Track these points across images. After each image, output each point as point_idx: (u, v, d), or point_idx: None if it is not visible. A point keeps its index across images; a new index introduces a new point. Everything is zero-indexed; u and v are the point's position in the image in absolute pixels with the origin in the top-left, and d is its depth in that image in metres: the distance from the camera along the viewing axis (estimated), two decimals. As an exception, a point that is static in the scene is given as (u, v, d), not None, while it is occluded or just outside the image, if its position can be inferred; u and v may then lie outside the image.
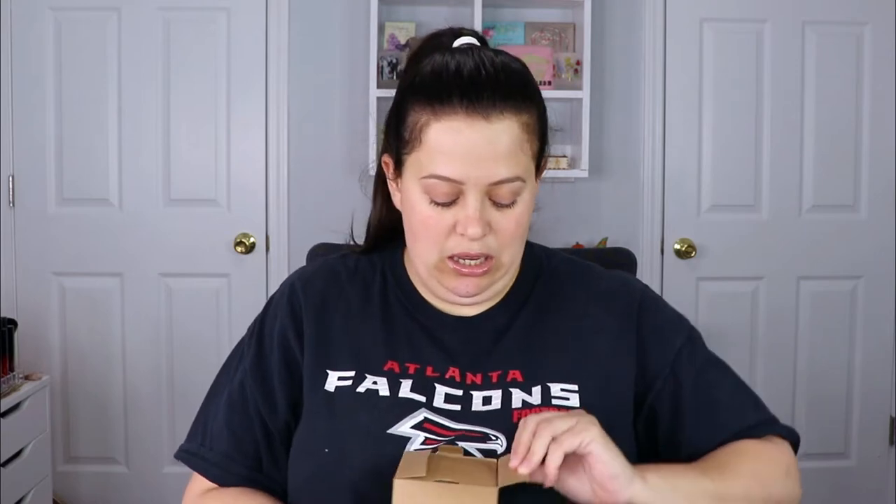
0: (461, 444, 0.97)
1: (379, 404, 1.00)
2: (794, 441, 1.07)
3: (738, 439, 1.03)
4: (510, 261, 1.03)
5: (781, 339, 3.03)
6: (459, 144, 0.94)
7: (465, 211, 0.96)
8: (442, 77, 0.97)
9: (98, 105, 2.90)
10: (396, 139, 1.01)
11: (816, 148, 2.99)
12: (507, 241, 1.00)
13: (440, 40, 1.07)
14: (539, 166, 1.04)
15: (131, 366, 2.96)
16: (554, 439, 0.86)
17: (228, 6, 2.91)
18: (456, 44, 1.05)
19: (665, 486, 0.91)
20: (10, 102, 2.88)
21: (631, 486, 0.88)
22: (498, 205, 0.97)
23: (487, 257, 1.00)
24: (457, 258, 1.00)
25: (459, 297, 1.03)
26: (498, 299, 1.09)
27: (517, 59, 1.03)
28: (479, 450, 0.97)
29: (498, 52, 1.02)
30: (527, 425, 0.88)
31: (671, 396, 1.05)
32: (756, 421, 1.06)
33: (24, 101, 2.89)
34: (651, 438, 1.07)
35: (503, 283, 1.07)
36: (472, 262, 1.00)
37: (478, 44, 1.06)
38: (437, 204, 0.97)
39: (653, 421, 1.06)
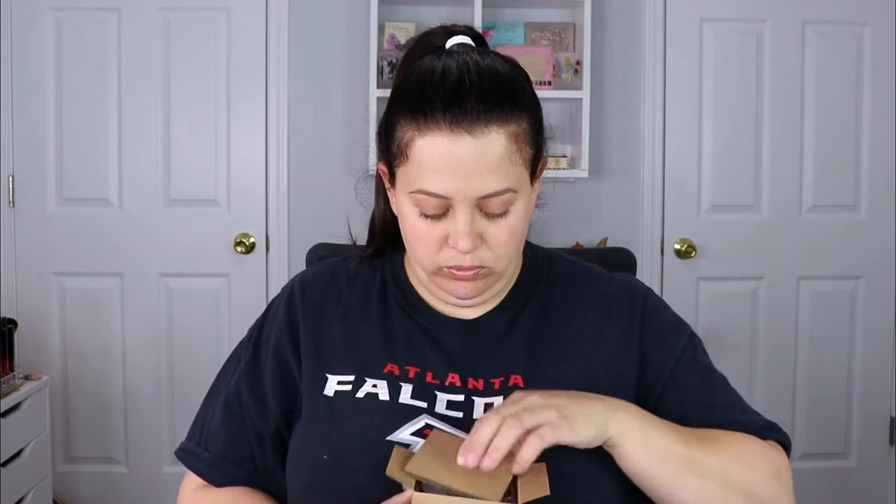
0: None
1: (378, 410, 1.00)
2: (787, 448, 1.05)
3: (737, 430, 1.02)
4: (505, 267, 1.02)
5: (781, 339, 3.03)
6: (445, 160, 0.92)
7: (455, 225, 0.95)
8: (426, 88, 0.94)
9: (98, 105, 2.90)
10: (387, 151, 1.01)
11: (816, 148, 2.99)
12: (500, 252, 0.99)
13: (432, 39, 1.05)
14: (535, 171, 1.02)
15: (131, 366, 2.96)
16: (529, 431, 0.86)
17: (228, 6, 2.91)
18: (448, 43, 1.03)
19: (636, 435, 0.92)
20: (10, 102, 2.88)
21: (604, 438, 0.91)
22: (489, 215, 0.96)
23: (480, 267, 0.99)
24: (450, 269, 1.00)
25: (458, 300, 1.03)
26: (497, 301, 1.08)
27: (508, 61, 0.99)
28: None
29: (486, 54, 0.98)
30: (489, 422, 0.86)
31: (676, 402, 1.04)
32: (762, 424, 1.04)
33: (24, 101, 2.89)
34: None
35: (501, 284, 1.06)
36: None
37: (471, 43, 1.03)
38: (428, 217, 0.97)
39: None
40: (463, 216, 0.94)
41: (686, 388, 1.04)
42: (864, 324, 3.05)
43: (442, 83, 0.94)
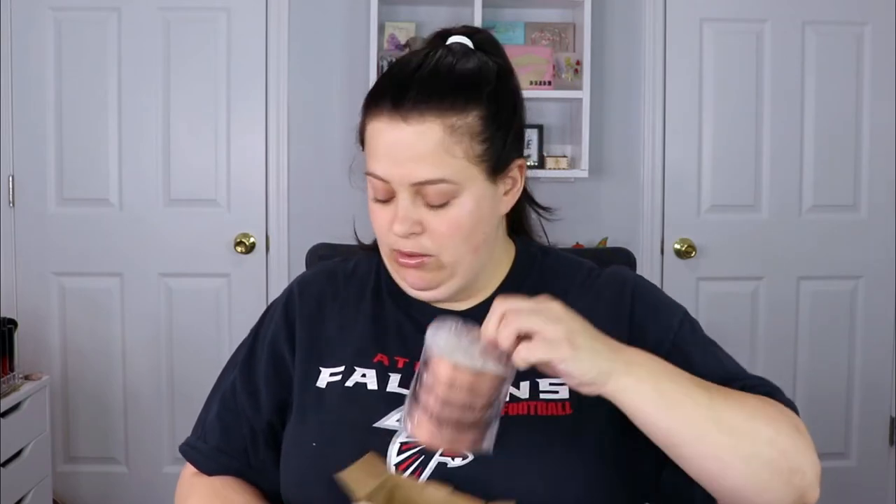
0: None
1: (366, 398, 1.01)
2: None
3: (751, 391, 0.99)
4: (454, 261, 1.01)
5: (781, 340, 3.03)
6: (382, 145, 0.98)
7: (395, 209, 0.99)
8: (384, 79, 1.01)
9: (98, 105, 2.90)
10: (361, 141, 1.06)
11: (816, 148, 2.99)
12: (442, 242, 0.99)
13: (433, 40, 1.07)
14: (497, 169, 1.01)
15: (131, 366, 2.96)
16: (526, 336, 0.84)
17: (228, 6, 2.91)
18: (448, 43, 1.05)
19: (648, 390, 0.86)
20: (10, 102, 2.88)
21: (605, 388, 0.85)
22: (430, 205, 0.98)
23: (422, 255, 1.00)
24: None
25: (410, 288, 1.04)
26: (489, 293, 1.09)
27: (479, 58, 1.02)
28: None
29: (458, 53, 1.01)
30: (494, 312, 0.86)
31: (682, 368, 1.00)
32: (773, 387, 1.02)
33: (24, 101, 2.89)
34: None
35: (458, 280, 1.04)
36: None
37: (466, 41, 1.05)
38: (379, 200, 1.01)
39: None
40: (401, 200, 0.98)
41: (690, 355, 1.02)
42: (864, 324, 3.05)
43: (397, 74, 1.00)
